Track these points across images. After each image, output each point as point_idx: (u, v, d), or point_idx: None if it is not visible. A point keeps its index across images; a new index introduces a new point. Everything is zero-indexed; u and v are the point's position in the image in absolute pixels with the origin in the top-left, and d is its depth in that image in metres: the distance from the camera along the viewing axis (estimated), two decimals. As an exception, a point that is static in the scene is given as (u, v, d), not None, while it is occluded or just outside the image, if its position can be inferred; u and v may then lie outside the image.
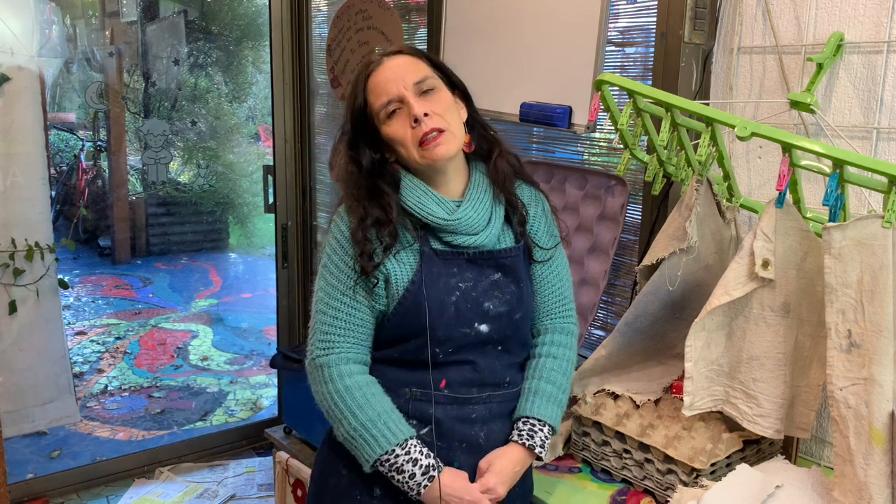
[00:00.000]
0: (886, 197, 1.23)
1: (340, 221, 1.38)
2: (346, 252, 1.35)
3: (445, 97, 1.36)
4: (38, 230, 2.95)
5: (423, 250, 1.35)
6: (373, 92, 1.35)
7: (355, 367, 1.35)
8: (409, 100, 1.31)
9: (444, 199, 1.36)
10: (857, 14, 1.53)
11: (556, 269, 1.47)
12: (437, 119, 1.32)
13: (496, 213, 1.40)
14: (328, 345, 1.35)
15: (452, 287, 1.35)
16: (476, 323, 1.35)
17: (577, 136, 2.18)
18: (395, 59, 1.37)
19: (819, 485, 1.39)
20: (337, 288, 1.36)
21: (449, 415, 1.36)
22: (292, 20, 3.17)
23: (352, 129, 1.38)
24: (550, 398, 1.40)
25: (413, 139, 1.32)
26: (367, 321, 1.37)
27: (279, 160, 3.25)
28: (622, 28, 2.04)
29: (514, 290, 1.39)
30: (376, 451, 1.30)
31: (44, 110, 3.01)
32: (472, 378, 1.37)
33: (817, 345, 1.43)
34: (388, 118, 1.33)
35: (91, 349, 4.73)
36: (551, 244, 1.47)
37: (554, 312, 1.47)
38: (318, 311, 1.38)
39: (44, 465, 3.25)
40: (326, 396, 1.34)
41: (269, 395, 4.11)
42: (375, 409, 1.31)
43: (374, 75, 1.36)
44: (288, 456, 2.34)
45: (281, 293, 3.38)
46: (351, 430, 1.31)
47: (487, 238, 1.37)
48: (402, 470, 1.30)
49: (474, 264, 1.37)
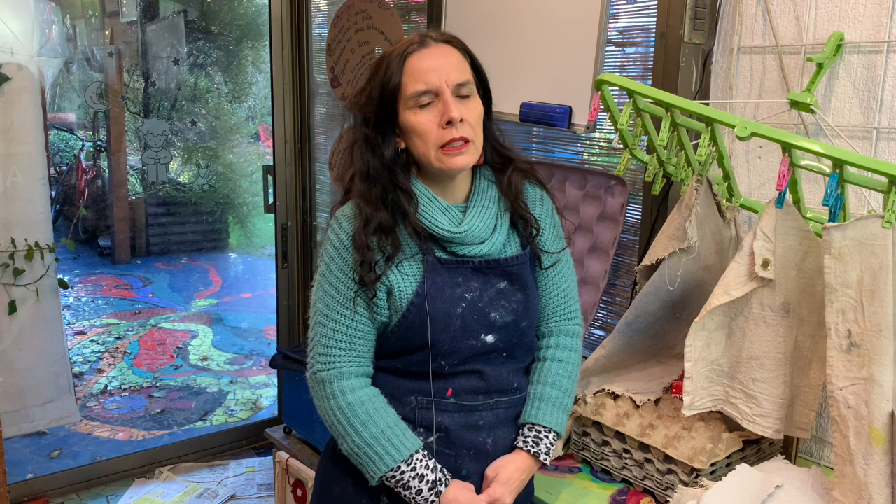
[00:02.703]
0: (886, 197, 1.23)
1: (338, 227, 1.32)
2: (345, 262, 1.30)
3: (478, 107, 1.31)
4: (38, 230, 2.95)
5: (426, 259, 1.31)
6: (409, 74, 1.26)
7: (357, 382, 1.32)
8: (447, 98, 1.25)
9: (450, 207, 1.33)
10: (857, 14, 1.53)
11: (562, 270, 1.45)
12: (467, 128, 1.27)
13: (501, 220, 1.36)
14: (329, 359, 1.32)
15: (458, 298, 1.31)
16: (482, 334, 1.32)
17: (577, 136, 2.18)
18: (441, 46, 1.29)
19: (819, 485, 1.39)
20: (336, 300, 1.31)
21: (456, 422, 1.34)
22: (292, 20, 3.17)
23: (378, 112, 1.29)
24: (556, 403, 1.39)
25: (437, 139, 1.26)
26: (368, 333, 1.33)
27: (279, 160, 3.25)
28: (622, 28, 2.04)
29: (520, 299, 1.36)
30: (381, 468, 1.28)
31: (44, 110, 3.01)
32: (479, 386, 1.35)
33: (817, 345, 1.43)
34: (416, 106, 1.26)
35: (91, 349, 4.73)
36: (559, 247, 1.43)
37: (559, 315, 1.46)
38: (317, 323, 1.33)
39: (44, 465, 3.25)
40: (329, 412, 1.31)
41: (269, 395, 4.11)
42: (379, 426, 1.29)
43: (416, 58, 1.27)
44: (288, 456, 2.34)
45: (281, 293, 3.38)
46: (355, 447, 1.29)
47: (493, 246, 1.34)
48: (408, 486, 1.28)
49: (480, 273, 1.34)
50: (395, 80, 1.27)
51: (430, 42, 1.29)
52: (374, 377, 1.36)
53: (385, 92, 1.28)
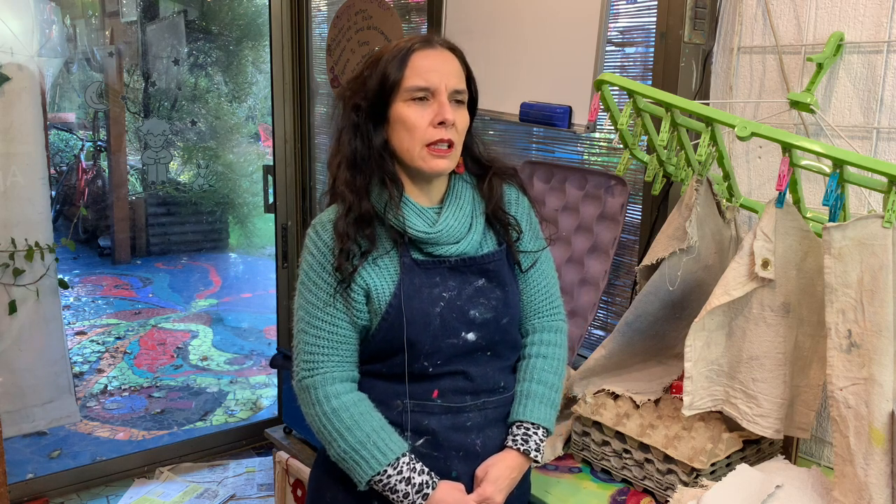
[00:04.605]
0: (886, 197, 1.23)
1: (315, 235, 1.34)
2: (322, 267, 1.32)
3: (466, 117, 1.34)
4: (38, 230, 2.96)
5: (403, 261, 1.32)
6: (412, 69, 1.28)
7: (342, 387, 1.32)
8: (444, 100, 1.28)
9: (424, 208, 1.34)
10: (857, 14, 1.53)
11: (542, 268, 1.45)
12: (455, 133, 1.30)
13: (476, 219, 1.37)
14: (313, 365, 1.32)
15: (436, 297, 1.32)
16: (462, 332, 1.33)
17: (577, 136, 2.18)
18: (443, 51, 1.32)
19: (819, 485, 1.39)
20: (316, 305, 1.32)
21: (444, 424, 1.34)
22: (292, 20, 3.17)
23: (372, 102, 1.31)
24: (543, 399, 1.39)
25: (425, 136, 1.28)
26: (350, 337, 1.34)
27: (279, 160, 3.25)
28: (622, 28, 2.04)
29: (499, 295, 1.37)
30: (368, 472, 1.28)
31: (44, 110, 3.01)
32: (466, 387, 1.35)
33: (817, 345, 1.43)
34: (411, 99, 1.28)
35: (91, 349, 4.73)
36: (537, 247, 1.44)
37: (541, 312, 1.46)
38: (299, 331, 1.34)
39: (44, 465, 3.25)
40: (315, 419, 1.32)
41: (269, 395, 4.11)
42: (364, 430, 1.29)
43: (420, 55, 1.29)
44: (288, 456, 2.34)
45: (281, 293, 3.38)
46: (342, 453, 1.30)
47: (469, 245, 1.35)
48: (395, 490, 1.29)
49: (457, 272, 1.35)
50: (396, 72, 1.29)
51: (435, 44, 1.32)
52: (360, 382, 1.36)
53: (384, 82, 1.29)
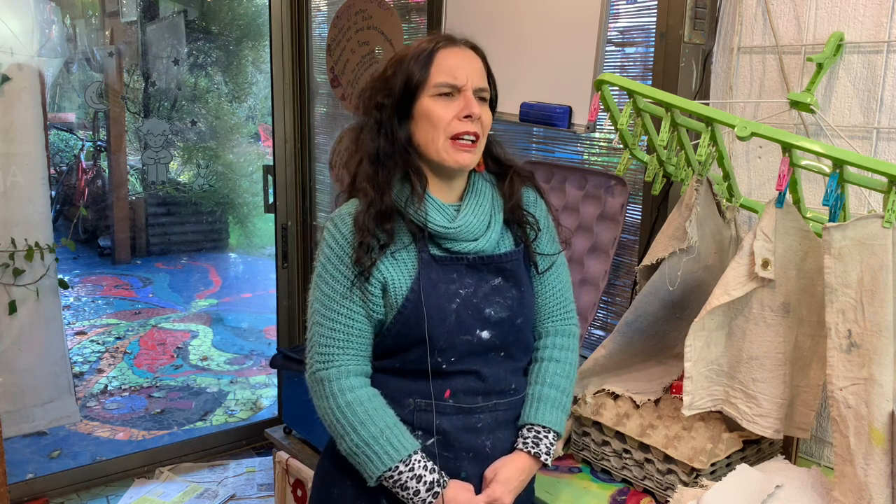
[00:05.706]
0: (886, 197, 1.23)
1: (334, 227, 1.34)
2: (340, 260, 1.32)
3: (490, 114, 1.37)
4: (38, 230, 2.96)
5: (421, 256, 1.33)
6: (438, 66, 1.30)
7: (356, 381, 1.33)
8: (469, 96, 1.30)
9: (444, 204, 1.34)
10: (857, 14, 1.53)
11: (557, 272, 1.46)
12: (480, 128, 1.32)
13: (495, 217, 1.38)
14: (328, 357, 1.32)
15: (452, 294, 1.32)
16: (477, 329, 1.33)
17: (577, 136, 2.18)
18: (467, 50, 1.35)
19: (819, 485, 1.39)
20: (333, 298, 1.33)
21: (455, 425, 1.34)
22: (292, 20, 3.17)
23: (397, 100, 1.32)
24: (554, 403, 1.39)
25: (451, 128, 1.30)
26: (365, 331, 1.34)
27: (279, 160, 3.25)
28: (622, 28, 2.04)
29: (515, 295, 1.37)
30: (379, 468, 1.28)
31: (44, 110, 3.01)
32: (478, 387, 1.35)
33: (817, 345, 1.43)
34: (437, 95, 1.30)
35: (91, 349, 4.73)
36: (553, 250, 1.46)
37: (555, 315, 1.46)
38: (315, 323, 1.35)
39: (44, 465, 3.25)
40: (328, 412, 1.32)
41: (269, 395, 4.11)
42: (378, 425, 1.29)
43: (445, 53, 1.32)
44: (288, 456, 2.34)
45: (281, 293, 3.38)
46: (353, 447, 1.30)
47: (487, 243, 1.35)
48: (405, 487, 1.28)
49: (474, 269, 1.35)
50: (422, 69, 1.31)
51: (459, 43, 1.35)
52: (372, 378, 1.36)
53: (409, 80, 1.31)
